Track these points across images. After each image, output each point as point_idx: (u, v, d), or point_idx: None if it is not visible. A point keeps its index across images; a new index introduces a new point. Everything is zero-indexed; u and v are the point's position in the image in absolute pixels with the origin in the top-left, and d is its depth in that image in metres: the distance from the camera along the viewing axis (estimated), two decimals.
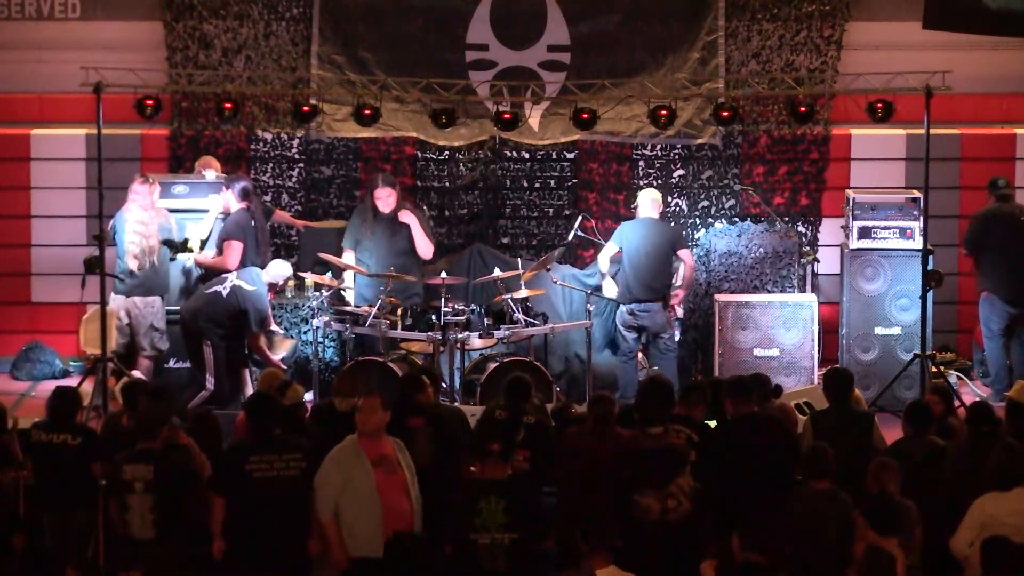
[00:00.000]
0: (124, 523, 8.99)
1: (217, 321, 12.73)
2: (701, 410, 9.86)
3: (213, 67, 14.68)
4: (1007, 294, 13.65)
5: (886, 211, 13.83)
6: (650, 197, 13.66)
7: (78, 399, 9.91)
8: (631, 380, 13.23)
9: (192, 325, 12.77)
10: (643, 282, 13.36)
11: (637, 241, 13.38)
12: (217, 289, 12.77)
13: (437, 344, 12.76)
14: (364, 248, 13.54)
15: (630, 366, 13.51)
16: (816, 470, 8.82)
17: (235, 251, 13.02)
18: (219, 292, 12.76)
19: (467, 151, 15.05)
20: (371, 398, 8.95)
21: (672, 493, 8.93)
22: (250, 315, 12.78)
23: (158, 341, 13.08)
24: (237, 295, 12.75)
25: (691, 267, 13.61)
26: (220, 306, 12.73)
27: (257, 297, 12.82)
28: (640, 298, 13.38)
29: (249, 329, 12.85)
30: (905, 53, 14.24)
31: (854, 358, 13.72)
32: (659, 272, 13.39)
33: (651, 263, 13.35)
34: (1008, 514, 8.49)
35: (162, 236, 13.10)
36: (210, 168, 13.92)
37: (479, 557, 8.54)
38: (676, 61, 14.95)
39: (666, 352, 13.44)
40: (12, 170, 14.93)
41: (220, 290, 12.76)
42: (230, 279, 12.80)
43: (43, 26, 15.14)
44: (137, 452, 9.07)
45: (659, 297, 13.42)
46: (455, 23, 15.00)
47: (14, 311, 14.96)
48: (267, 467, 8.89)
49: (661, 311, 13.41)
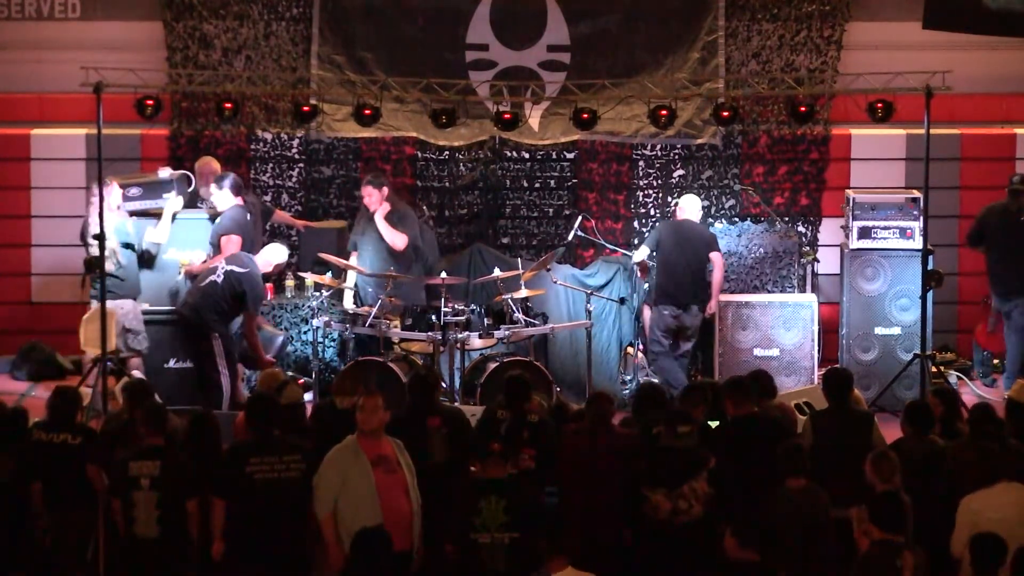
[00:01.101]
0: (129, 521, 8.97)
1: (219, 310, 12.69)
2: (701, 410, 9.86)
3: (213, 67, 14.68)
4: (996, 287, 13.68)
5: (886, 211, 13.83)
6: (698, 204, 13.67)
7: (78, 399, 9.92)
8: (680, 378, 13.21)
9: (194, 321, 12.74)
10: (685, 285, 13.33)
11: (676, 244, 13.34)
12: (211, 279, 12.74)
13: (437, 344, 12.76)
14: (360, 249, 13.58)
15: (672, 363, 13.43)
16: (792, 468, 8.84)
17: (234, 245, 13.00)
18: (214, 281, 12.71)
19: (467, 151, 15.05)
20: (372, 398, 8.96)
21: (684, 495, 8.92)
22: (247, 296, 12.72)
23: (132, 342, 13.03)
24: (231, 279, 12.70)
25: (720, 269, 13.53)
26: (217, 294, 12.68)
27: (251, 278, 12.77)
28: (681, 301, 13.33)
29: (246, 310, 12.78)
30: (905, 53, 14.24)
31: (854, 358, 13.72)
32: (699, 274, 13.38)
33: (692, 265, 13.34)
34: (993, 509, 8.52)
35: (120, 239, 13.03)
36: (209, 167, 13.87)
37: (479, 556, 8.55)
38: (676, 61, 14.96)
39: (685, 355, 13.44)
40: (12, 170, 14.94)
41: (215, 279, 12.72)
42: (220, 267, 12.76)
43: (43, 26, 15.15)
44: (143, 449, 9.07)
45: (701, 300, 13.40)
46: (455, 23, 15.01)
47: (14, 311, 14.96)
48: (268, 469, 8.90)
49: (700, 314, 13.41)
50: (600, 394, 9.70)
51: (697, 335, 13.54)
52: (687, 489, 8.93)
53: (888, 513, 8.24)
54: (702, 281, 13.44)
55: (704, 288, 13.46)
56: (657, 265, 13.43)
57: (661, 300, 13.43)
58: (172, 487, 8.95)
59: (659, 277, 13.44)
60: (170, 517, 8.95)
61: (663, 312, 13.39)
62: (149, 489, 8.94)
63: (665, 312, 13.37)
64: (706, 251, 13.43)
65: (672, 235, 13.46)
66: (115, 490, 9.10)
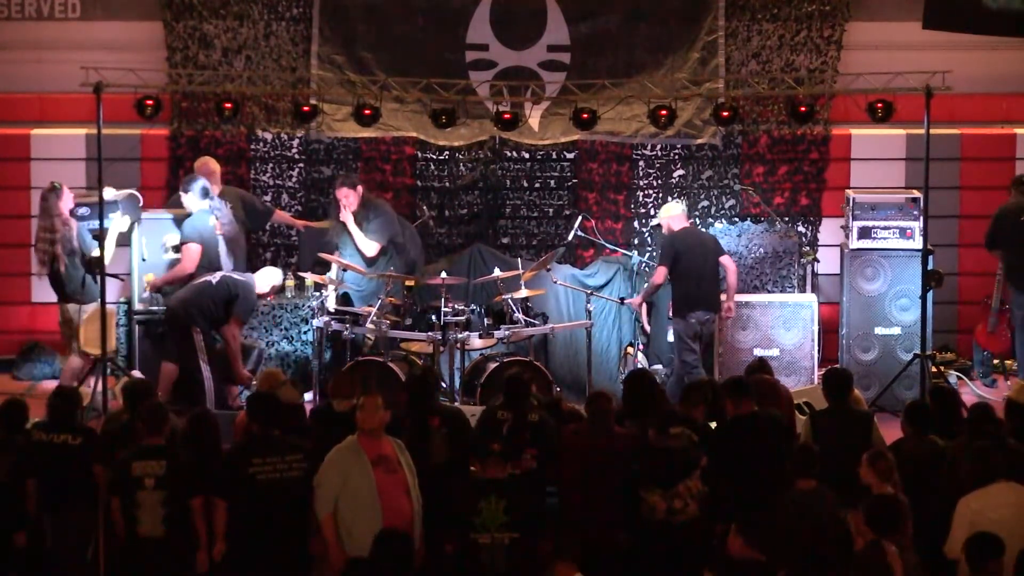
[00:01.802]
0: (133, 521, 8.96)
1: (206, 309, 12.65)
2: (701, 410, 9.86)
3: (213, 67, 14.68)
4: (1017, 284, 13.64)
5: (886, 211, 13.83)
6: (680, 209, 13.48)
7: (78, 399, 9.92)
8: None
9: (180, 314, 12.68)
10: (707, 290, 13.17)
11: (694, 252, 13.14)
12: (207, 279, 12.74)
13: (437, 344, 12.76)
14: (340, 250, 13.56)
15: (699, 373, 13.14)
16: (803, 469, 8.84)
17: (192, 254, 12.91)
18: (208, 281, 12.71)
19: (467, 151, 15.05)
20: (372, 397, 8.96)
21: (679, 494, 8.93)
22: (239, 300, 12.71)
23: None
24: (227, 282, 12.70)
25: (735, 272, 13.38)
26: (208, 294, 12.65)
27: (247, 287, 12.78)
28: (706, 306, 13.16)
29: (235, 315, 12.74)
30: (905, 53, 14.23)
31: (854, 358, 13.72)
32: (715, 278, 13.24)
33: (711, 269, 13.19)
34: (992, 509, 8.51)
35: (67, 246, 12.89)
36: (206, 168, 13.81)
37: (479, 557, 8.55)
38: (676, 61, 14.95)
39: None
40: (12, 170, 14.94)
41: (210, 279, 12.73)
42: (217, 273, 12.77)
43: (43, 26, 15.15)
44: (146, 449, 9.07)
45: (718, 304, 13.30)
46: (455, 23, 15.01)
47: (14, 311, 14.96)
48: (270, 469, 8.92)
49: (715, 318, 13.37)
50: (600, 394, 9.70)
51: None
52: (682, 488, 8.95)
53: (881, 516, 8.24)
54: (717, 286, 13.36)
55: (718, 292, 13.38)
56: (676, 275, 13.21)
57: (688, 308, 13.11)
58: (178, 486, 8.94)
59: (683, 287, 13.14)
60: (176, 516, 8.95)
61: (690, 320, 13.10)
62: (154, 489, 8.93)
63: (692, 320, 13.09)
64: (716, 255, 13.29)
65: (684, 244, 13.25)
66: (115, 490, 9.08)
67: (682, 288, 13.17)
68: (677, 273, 13.15)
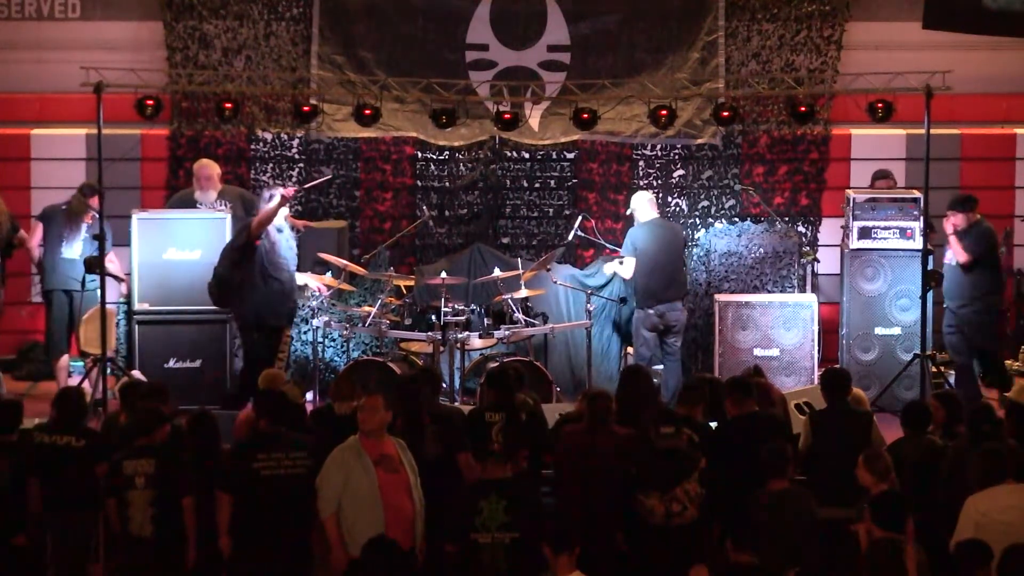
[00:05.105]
0: (124, 520, 8.98)
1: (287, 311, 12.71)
2: (701, 410, 9.85)
3: (213, 67, 14.69)
4: None
5: (886, 211, 13.83)
6: (647, 198, 13.64)
7: (83, 401, 9.91)
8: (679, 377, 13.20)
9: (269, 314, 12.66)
10: (669, 281, 13.30)
11: (655, 244, 13.29)
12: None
13: (437, 344, 12.76)
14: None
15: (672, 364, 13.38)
16: (775, 470, 8.85)
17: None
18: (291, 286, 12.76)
19: (467, 151, 15.05)
20: (373, 397, 8.96)
21: (677, 497, 8.92)
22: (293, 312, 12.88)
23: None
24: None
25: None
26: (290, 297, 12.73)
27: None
28: (666, 298, 13.29)
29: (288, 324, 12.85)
30: (905, 53, 14.25)
31: (854, 358, 13.72)
32: (679, 269, 13.41)
33: (673, 261, 13.34)
34: (999, 511, 8.49)
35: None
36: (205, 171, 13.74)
37: (480, 557, 8.55)
38: (676, 61, 14.96)
39: (674, 353, 13.43)
40: (12, 170, 14.94)
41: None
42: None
43: (43, 26, 15.16)
44: (136, 448, 9.08)
45: (683, 294, 13.42)
46: (455, 23, 15.02)
47: (14, 311, 14.95)
48: (275, 465, 8.92)
49: (684, 309, 13.41)
50: (600, 393, 9.67)
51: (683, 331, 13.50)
52: (680, 491, 8.93)
53: (888, 512, 8.24)
54: (684, 275, 13.47)
55: (684, 283, 13.46)
56: (637, 268, 13.35)
57: (647, 300, 13.32)
58: (167, 484, 8.95)
59: (642, 279, 13.33)
60: (165, 515, 8.95)
61: (648, 312, 13.31)
62: (144, 487, 8.95)
63: (651, 312, 13.30)
64: (682, 245, 13.50)
65: (643, 237, 13.38)
66: (109, 490, 9.10)
67: (642, 281, 13.33)
68: (638, 266, 13.29)
